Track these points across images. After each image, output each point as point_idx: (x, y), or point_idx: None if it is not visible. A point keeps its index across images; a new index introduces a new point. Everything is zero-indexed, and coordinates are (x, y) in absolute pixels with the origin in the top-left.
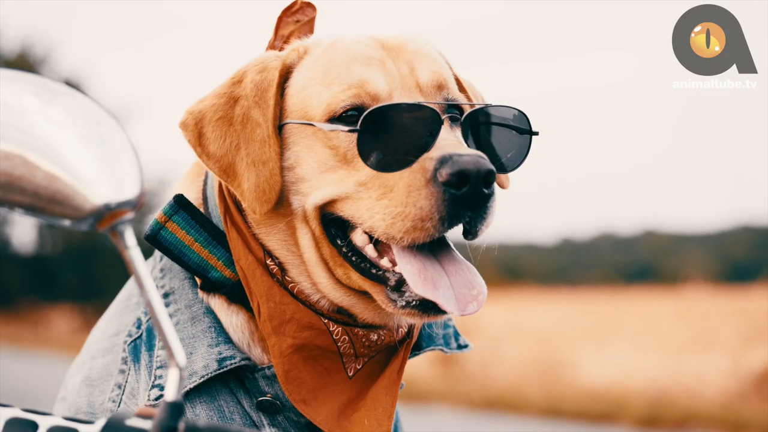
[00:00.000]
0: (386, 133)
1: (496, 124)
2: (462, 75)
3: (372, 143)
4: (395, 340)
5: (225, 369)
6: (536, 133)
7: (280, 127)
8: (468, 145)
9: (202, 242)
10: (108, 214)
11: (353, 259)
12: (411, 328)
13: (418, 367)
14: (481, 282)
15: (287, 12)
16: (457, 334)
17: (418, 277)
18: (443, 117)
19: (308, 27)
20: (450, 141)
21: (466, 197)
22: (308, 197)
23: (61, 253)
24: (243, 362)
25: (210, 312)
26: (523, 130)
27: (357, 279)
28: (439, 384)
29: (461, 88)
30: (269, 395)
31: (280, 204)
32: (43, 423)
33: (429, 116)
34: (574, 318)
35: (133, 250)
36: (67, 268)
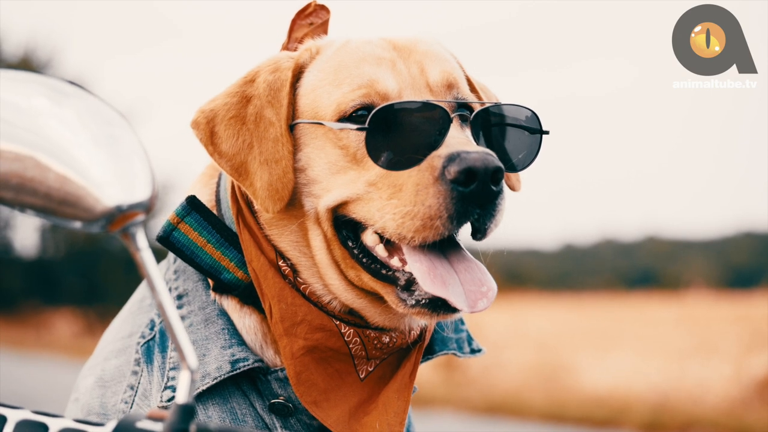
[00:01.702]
0: (395, 132)
1: (505, 124)
2: (476, 77)
3: (380, 142)
4: (407, 343)
5: (238, 371)
6: (547, 132)
7: (292, 128)
8: (477, 144)
9: (214, 243)
10: (119, 216)
11: (364, 260)
12: (423, 330)
13: (421, 371)
14: (491, 279)
15: (301, 15)
16: (470, 339)
17: (428, 275)
18: (452, 116)
19: (322, 30)
20: (459, 139)
21: (474, 194)
22: (321, 199)
23: (64, 256)
24: (256, 364)
25: (223, 314)
26: (533, 129)
27: (368, 281)
28: (442, 388)
29: (473, 89)
30: (282, 397)
31: (292, 206)
32: (54, 425)
33: (438, 115)
34: (576, 323)
35: (144, 252)
36: (69, 271)
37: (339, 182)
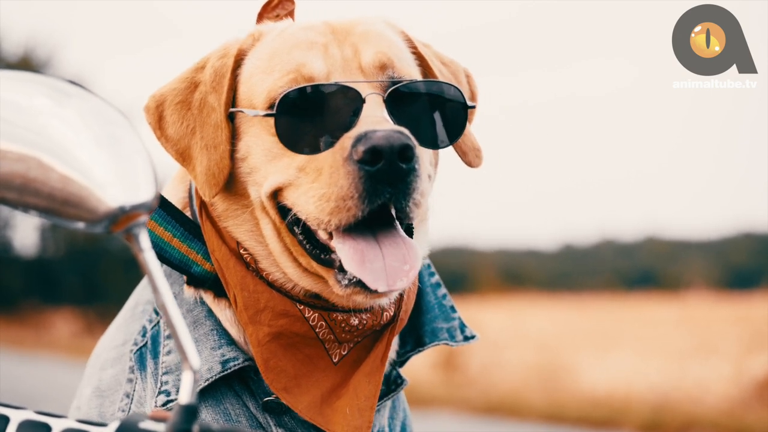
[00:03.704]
0: (308, 116)
1: (429, 100)
2: (444, 54)
3: (292, 126)
4: (380, 324)
5: (229, 371)
6: (473, 107)
7: (232, 116)
8: (395, 123)
9: (179, 237)
10: (123, 216)
11: (307, 246)
12: (397, 311)
13: (420, 371)
14: (415, 257)
15: (267, 8)
16: (462, 326)
17: (351, 255)
18: (372, 94)
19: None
20: (373, 119)
21: (382, 173)
22: (262, 187)
23: (63, 256)
24: (246, 363)
25: (211, 315)
26: (458, 104)
27: (315, 266)
28: (441, 388)
29: (426, 67)
30: (274, 395)
31: (242, 195)
32: (57, 425)
33: (351, 96)
34: (575, 324)
35: (147, 253)
36: (69, 271)
37: (275, 169)
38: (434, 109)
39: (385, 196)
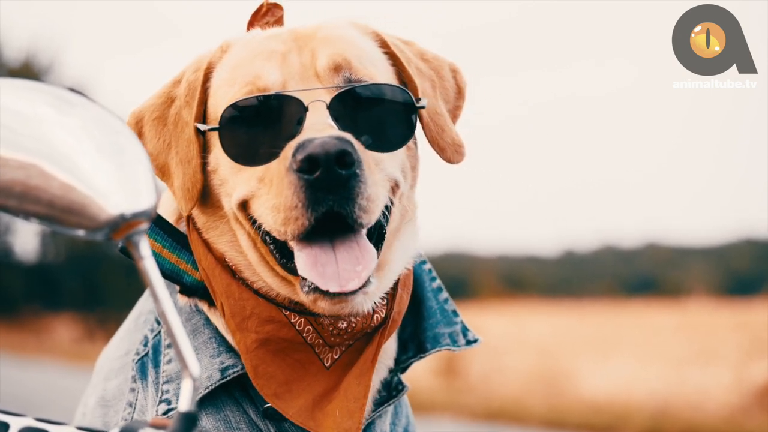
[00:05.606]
0: (253, 127)
1: (377, 103)
2: (429, 50)
3: (239, 139)
4: (370, 327)
5: (228, 378)
6: (422, 107)
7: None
8: (344, 127)
9: (169, 248)
10: (123, 224)
11: (276, 255)
12: (388, 314)
13: (420, 377)
14: (369, 258)
15: (256, 16)
16: (465, 330)
17: (304, 259)
18: (316, 101)
19: (278, 26)
20: (317, 126)
21: (320, 181)
22: (232, 198)
23: (64, 261)
24: (244, 370)
25: (209, 323)
26: (406, 105)
27: (286, 274)
28: (441, 395)
29: (400, 64)
30: None
31: (218, 207)
32: None
33: (294, 105)
34: (576, 330)
35: (148, 261)
36: (69, 276)
37: (240, 180)
38: (382, 112)
39: (327, 203)
